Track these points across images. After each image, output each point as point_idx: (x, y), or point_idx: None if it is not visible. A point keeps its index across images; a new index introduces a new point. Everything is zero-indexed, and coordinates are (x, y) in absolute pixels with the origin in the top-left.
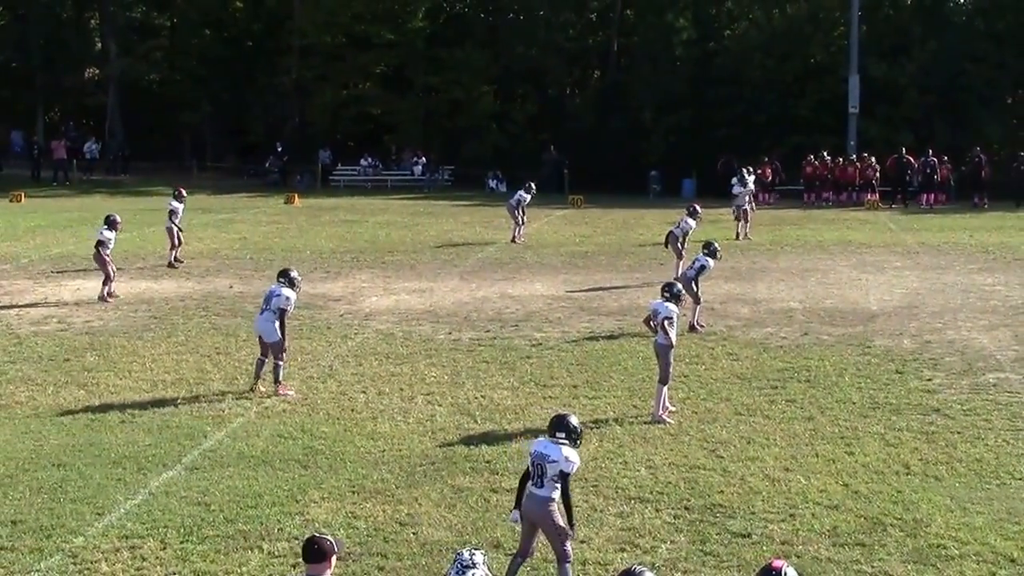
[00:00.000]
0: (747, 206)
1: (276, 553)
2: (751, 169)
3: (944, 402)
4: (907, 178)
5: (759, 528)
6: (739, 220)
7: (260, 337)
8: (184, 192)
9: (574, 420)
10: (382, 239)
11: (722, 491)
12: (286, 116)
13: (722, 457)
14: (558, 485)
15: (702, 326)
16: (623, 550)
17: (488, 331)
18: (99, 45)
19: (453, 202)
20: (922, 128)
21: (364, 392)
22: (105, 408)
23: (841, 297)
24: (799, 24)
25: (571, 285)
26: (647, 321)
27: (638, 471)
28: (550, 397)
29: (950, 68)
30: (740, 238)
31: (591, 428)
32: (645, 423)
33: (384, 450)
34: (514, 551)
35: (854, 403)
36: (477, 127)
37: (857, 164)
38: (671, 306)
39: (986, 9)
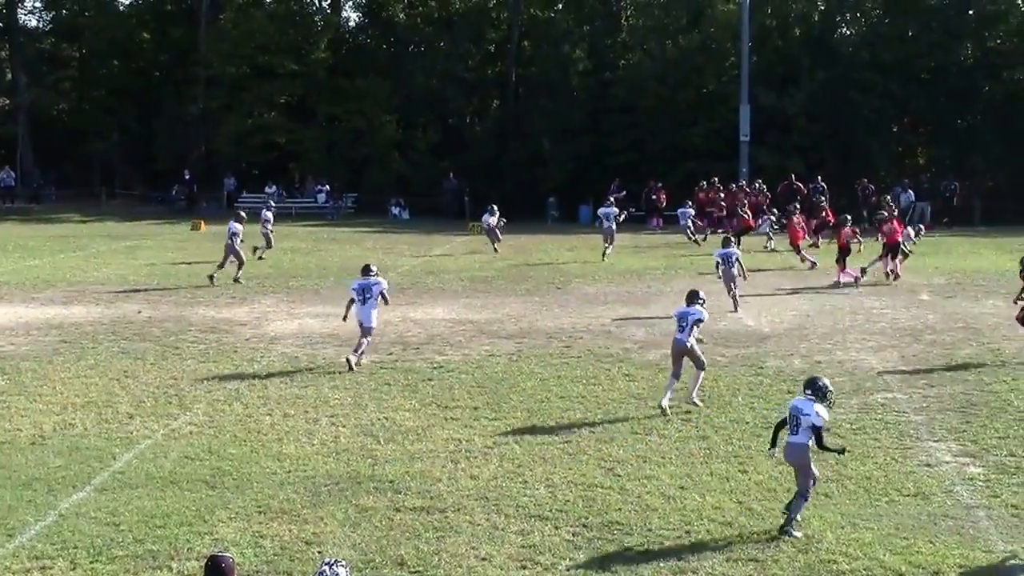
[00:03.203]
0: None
1: (185, 572)
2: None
3: (834, 421)
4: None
5: (655, 545)
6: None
7: (361, 323)
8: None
9: (824, 381)
10: (286, 265)
11: (619, 509)
12: (193, 144)
13: (619, 476)
14: (811, 435)
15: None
16: (524, 567)
17: (391, 354)
18: (9, 76)
19: (356, 229)
20: (812, 155)
21: (270, 414)
22: (15, 431)
23: (734, 319)
24: (691, 55)
25: (471, 309)
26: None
27: (537, 490)
28: (451, 418)
29: (837, 98)
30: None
31: (490, 448)
32: (543, 443)
33: (290, 471)
34: (418, 569)
35: (747, 422)
36: (380, 155)
37: (748, 190)
38: (700, 308)
39: (871, 41)
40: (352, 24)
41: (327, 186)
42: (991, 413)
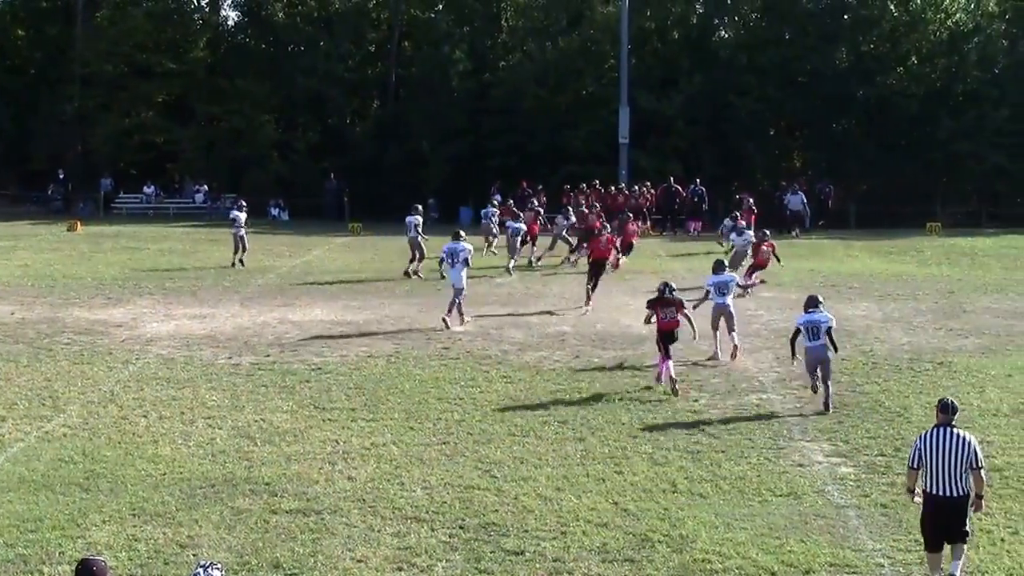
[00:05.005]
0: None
1: None
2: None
3: (708, 421)
4: (675, 207)
5: (532, 546)
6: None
7: (452, 285)
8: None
9: (819, 296)
10: (164, 266)
11: (496, 510)
12: (69, 144)
13: (496, 477)
14: (828, 336)
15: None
16: (400, 569)
17: (268, 355)
18: None
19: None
20: (690, 158)
21: (145, 416)
22: None
23: (612, 321)
24: (571, 57)
25: (350, 310)
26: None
27: (414, 491)
28: (329, 420)
29: (716, 100)
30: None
31: (367, 450)
32: (421, 444)
33: (165, 473)
34: (294, 571)
35: (623, 424)
36: (259, 156)
37: (627, 192)
38: (733, 274)
39: (749, 44)
40: (231, 23)
41: (205, 186)
42: (862, 414)
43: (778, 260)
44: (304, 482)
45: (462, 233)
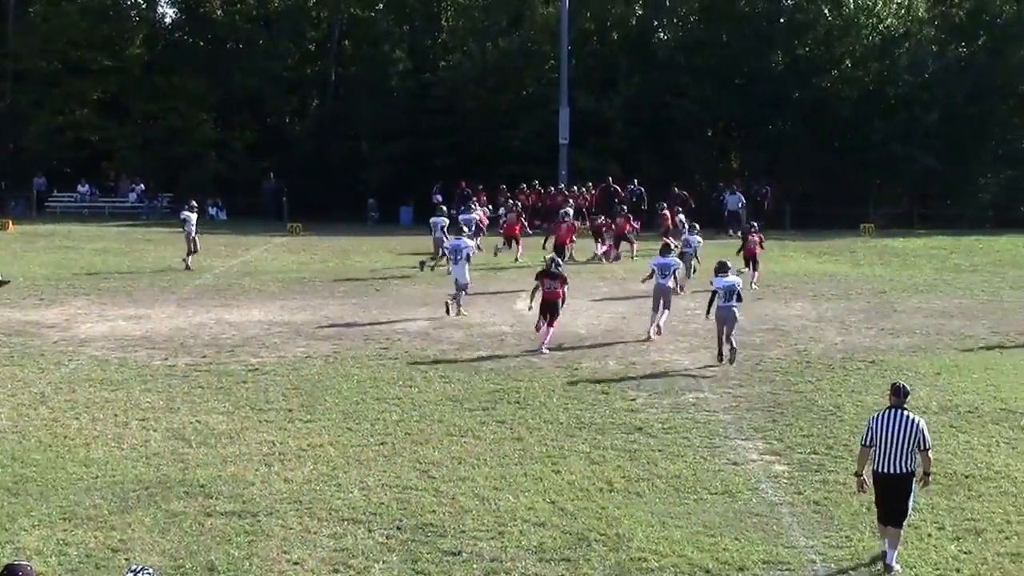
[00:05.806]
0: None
1: None
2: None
3: (646, 421)
4: (614, 207)
5: (469, 546)
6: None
7: (456, 280)
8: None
9: (730, 262)
10: (98, 266)
11: (434, 511)
12: (0, 142)
13: (434, 477)
14: (737, 298)
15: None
16: (336, 571)
17: (204, 356)
18: None
19: (171, 229)
20: (629, 159)
21: (77, 419)
22: None
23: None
24: (511, 57)
25: (288, 311)
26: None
27: (351, 492)
28: (265, 421)
29: (654, 101)
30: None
31: (304, 451)
32: (358, 445)
33: (97, 476)
34: (229, 574)
35: (561, 423)
36: (196, 154)
37: (566, 193)
38: (676, 260)
39: (688, 45)
40: (168, 20)
41: (141, 185)
42: (796, 412)
43: (756, 261)
44: (240, 484)
45: (465, 229)
